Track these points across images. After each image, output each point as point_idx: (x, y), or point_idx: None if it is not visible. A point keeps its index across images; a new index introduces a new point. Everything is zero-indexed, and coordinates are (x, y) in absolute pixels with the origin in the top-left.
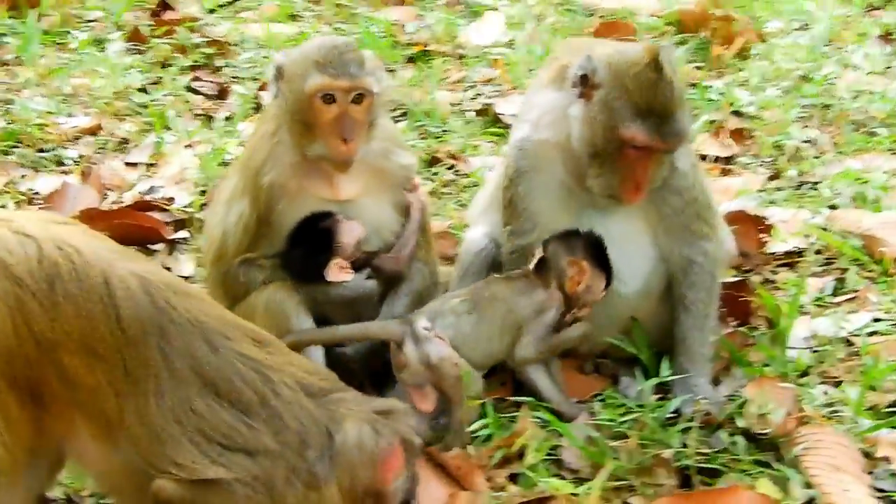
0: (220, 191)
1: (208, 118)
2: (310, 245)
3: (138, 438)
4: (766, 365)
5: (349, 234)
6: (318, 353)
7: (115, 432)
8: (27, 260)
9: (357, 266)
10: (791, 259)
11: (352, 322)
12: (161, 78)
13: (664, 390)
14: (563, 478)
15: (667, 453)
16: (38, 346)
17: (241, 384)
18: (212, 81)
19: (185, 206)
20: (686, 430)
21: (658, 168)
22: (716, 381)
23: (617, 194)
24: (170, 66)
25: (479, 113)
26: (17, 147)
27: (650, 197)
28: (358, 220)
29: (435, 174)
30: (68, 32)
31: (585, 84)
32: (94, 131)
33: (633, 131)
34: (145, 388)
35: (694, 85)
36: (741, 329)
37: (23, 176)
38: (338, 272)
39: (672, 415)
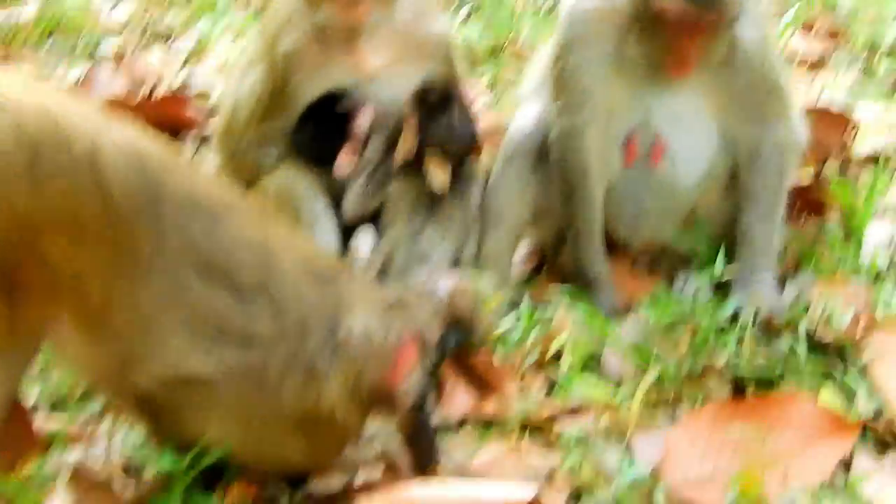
0: (239, 59)
1: (263, 9)
2: (323, 127)
3: (124, 328)
4: (838, 266)
5: (363, 118)
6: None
7: (99, 322)
8: (3, 132)
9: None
10: (875, 161)
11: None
12: None
13: (724, 292)
14: (604, 385)
15: (720, 361)
16: (19, 227)
17: (239, 264)
18: None
19: None
20: (742, 337)
21: (710, 44)
22: (782, 282)
23: (660, 67)
24: None
25: (551, 11)
26: (54, 37)
27: (713, 72)
28: (373, 105)
29: (496, 66)
30: None
31: None
32: (136, 21)
33: (665, 1)
34: (134, 271)
35: None
36: (812, 226)
37: (55, 66)
38: (345, 160)
39: (729, 318)
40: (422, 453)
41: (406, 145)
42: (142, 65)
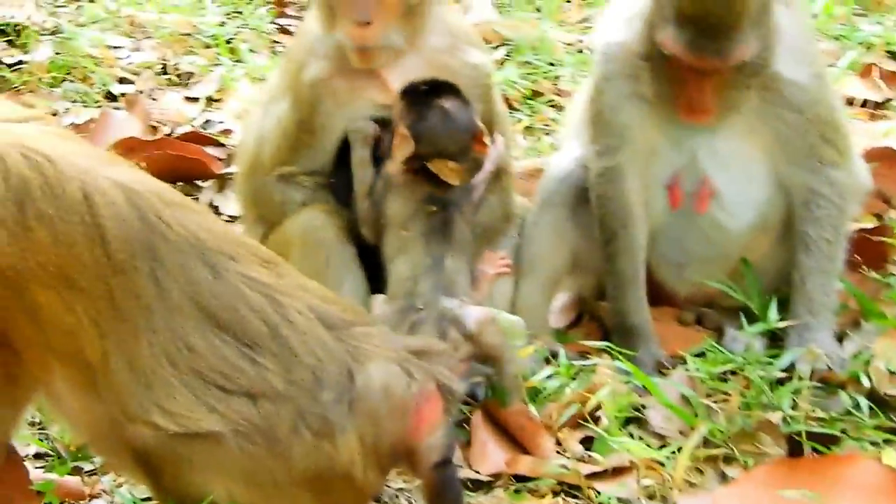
0: (261, 93)
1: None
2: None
3: (124, 385)
4: None
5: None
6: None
7: (97, 379)
8: None
9: None
10: None
11: None
12: (240, 12)
13: (777, 345)
14: (646, 444)
15: (774, 416)
16: (5, 282)
17: (248, 312)
18: (299, 17)
19: None
20: (799, 390)
21: (727, 89)
22: (840, 337)
23: (675, 110)
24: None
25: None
26: (69, 81)
27: (761, 112)
28: None
29: (533, 111)
30: None
31: None
32: (156, 64)
33: (665, 37)
34: (135, 324)
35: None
36: (874, 276)
37: (67, 109)
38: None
39: (784, 373)
40: None
41: (399, 153)
42: (158, 108)
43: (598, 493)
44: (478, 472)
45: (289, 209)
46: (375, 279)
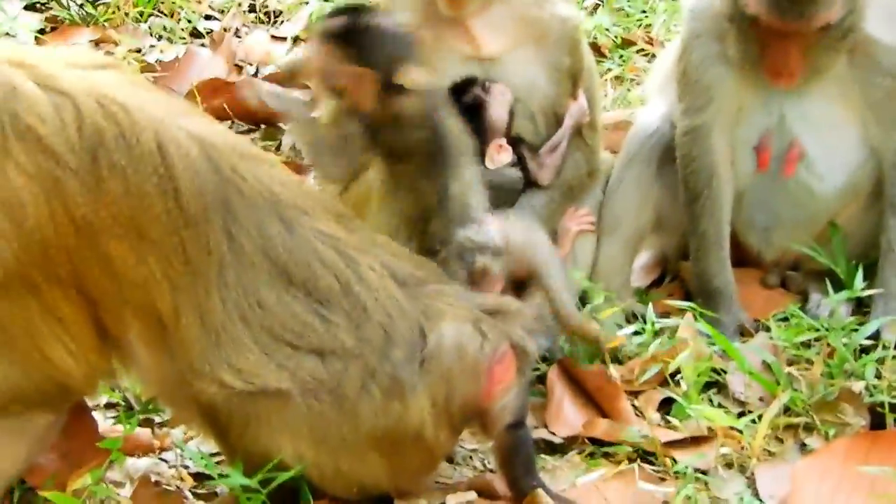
0: None
1: None
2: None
3: (194, 340)
4: None
5: (501, 101)
6: None
7: (168, 334)
8: (64, 128)
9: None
10: None
11: None
12: None
13: (863, 312)
14: (725, 410)
15: (857, 386)
16: (77, 232)
17: (320, 268)
18: None
19: None
20: (883, 360)
21: (813, 52)
22: None
23: (760, 72)
24: None
25: None
26: (156, 16)
27: (851, 75)
28: (503, 83)
29: (623, 59)
30: None
31: None
32: (243, 2)
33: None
34: (207, 278)
35: None
36: None
37: (151, 46)
38: (496, 154)
39: (868, 340)
40: (520, 475)
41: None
42: (244, 46)
43: (675, 461)
44: (553, 434)
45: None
46: None
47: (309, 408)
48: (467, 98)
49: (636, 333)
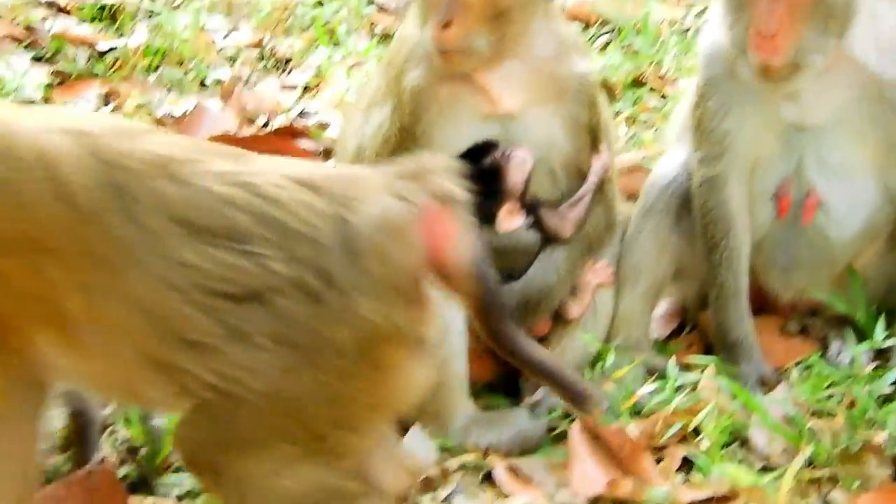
0: (360, 97)
1: (386, 37)
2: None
3: (126, 328)
4: None
5: (520, 168)
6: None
7: (86, 335)
8: None
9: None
10: None
11: (503, 273)
12: None
13: (884, 359)
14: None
15: (880, 437)
16: None
17: (227, 208)
18: None
19: None
20: None
21: (807, 23)
22: None
23: (747, 49)
24: None
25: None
26: (165, 67)
27: (867, 116)
28: (525, 148)
29: (636, 99)
30: None
31: None
32: (253, 47)
33: None
34: (121, 265)
35: None
36: None
37: (161, 99)
38: (508, 219)
39: (891, 389)
40: (497, 326)
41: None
42: (254, 96)
43: None
44: (575, 495)
45: None
46: None
47: (276, 361)
48: (486, 161)
49: (657, 389)
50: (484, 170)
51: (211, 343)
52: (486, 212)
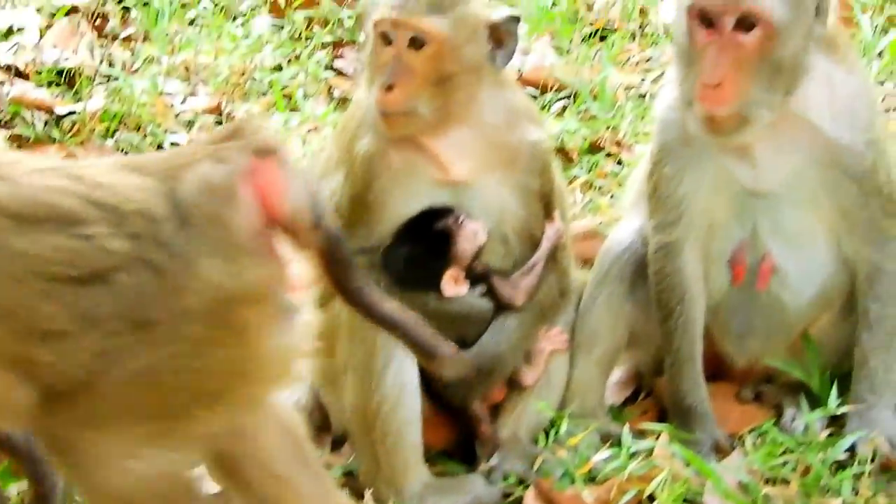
0: (314, 163)
1: (344, 101)
2: (422, 247)
3: None
4: None
5: (471, 239)
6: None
7: None
8: None
9: (472, 278)
10: None
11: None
12: (299, 55)
13: (838, 425)
14: None
15: (834, 503)
16: None
17: (55, 196)
18: (356, 60)
19: None
20: (860, 475)
21: (753, 74)
22: None
23: (695, 100)
24: (309, 41)
25: (655, 96)
26: (122, 131)
27: (821, 180)
28: (479, 219)
29: (592, 164)
30: (205, 8)
31: None
32: (211, 113)
33: None
34: None
35: None
36: None
37: None
38: (452, 285)
39: (845, 455)
40: (343, 277)
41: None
42: None
43: None
44: None
45: None
46: None
47: (132, 336)
48: (438, 225)
49: (611, 456)
50: (433, 233)
51: (63, 330)
52: (430, 274)
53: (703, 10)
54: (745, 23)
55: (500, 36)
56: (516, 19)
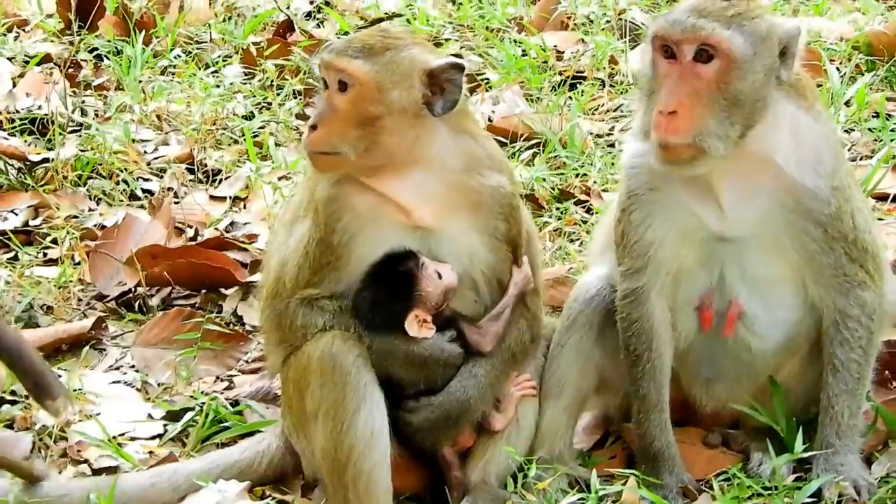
0: (284, 211)
1: None
2: (386, 290)
3: None
4: None
5: (435, 281)
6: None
7: None
8: None
9: (439, 323)
10: None
11: (425, 386)
12: (270, 103)
13: (804, 469)
14: None
15: None
16: None
17: None
18: None
19: None
20: None
21: (706, 102)
22: (868, 461)
23: (652, 128)
24: (281, 90)
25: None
26: (94, 178)
27: (787, 225)
28: (448, 264)
29: (562, 212)
30: (178, 56)
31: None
32: (182, 161)
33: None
34: None
35: (877, 115)
36: None
37: (91, 210)
38: (417, 327)
39: (811, 499)
40: None
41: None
42: (183, 208)
43: None
44: None
45: (310, 333)
46: (397, 404)
47: None
48: (400, 268)
49: (580, 500)
50: (396, 276)
51: None
52: (395, 316)
53: (665, 38)
54: (704, 54)
55: (440, 83)
56: (458, 67)
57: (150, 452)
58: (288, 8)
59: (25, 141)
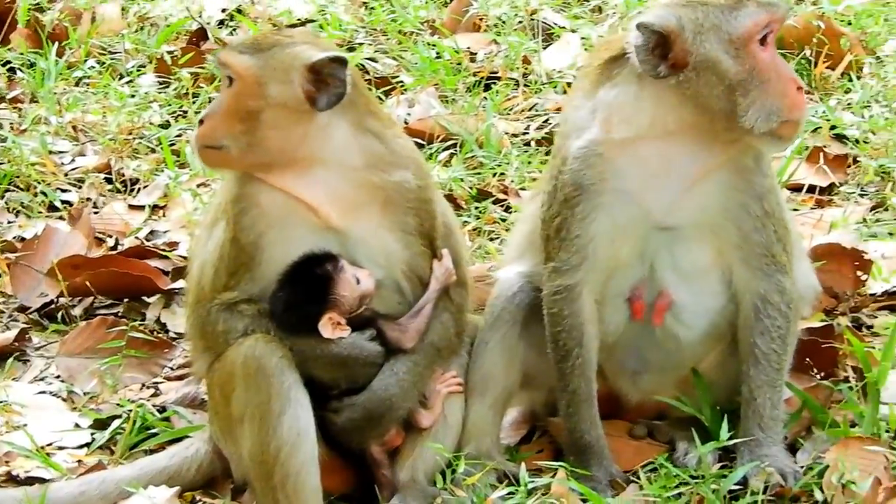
0: (204, 215)
1: None
2: (300, 291)
3: None
4: (854, 425)
5: (352, 286)
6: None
7: None
8: None
9: (358, 323)
10: (893, 301)
11: (348, 385)
12: (186, 112)
13: (729, 458)
14: None
15: None
16: None
17: None
18: None
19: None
20: None
21: None
22: (792, 447)
23: (782, 111)
24: (196, 98)
25: (540, 143)
26: (12, 190)
27: (727, 202)
28: (366, 268)
29: (481, 211)
30: (92, 67)
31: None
32: (100, 171)
33: (749, 16)
34: None
35: None
36: (825, 382)
37: (9, 223)
38: (331, 328)
39: (737, 486)
40: None
41: None
42: (102, 218)
43: None
44: None
45: (231, 339)
46: (323, 404)
47: None
48: (317, 270)
49: (509, 494)
50: (312, 278)
51: None
52: (309, 318)
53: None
54: None
55: (324, 78)
56: (340, 61)
57: (79, 461)
58: (200, 16)
59: None
